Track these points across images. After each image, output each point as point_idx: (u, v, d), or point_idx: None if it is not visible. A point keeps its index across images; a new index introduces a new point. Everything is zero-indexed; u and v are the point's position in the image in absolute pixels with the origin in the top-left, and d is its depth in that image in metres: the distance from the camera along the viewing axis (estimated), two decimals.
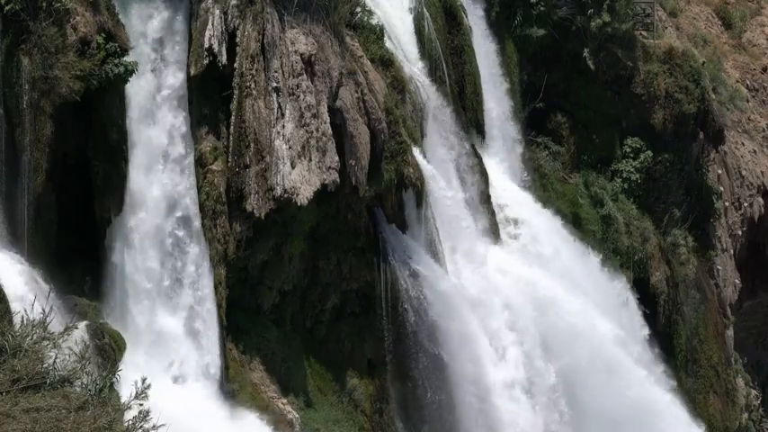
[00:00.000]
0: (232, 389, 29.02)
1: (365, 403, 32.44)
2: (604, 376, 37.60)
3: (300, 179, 29.51)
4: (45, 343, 13.11)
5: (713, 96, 45.87)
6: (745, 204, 49.78)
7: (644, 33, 45.44)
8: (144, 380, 12.67)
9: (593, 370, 37.48)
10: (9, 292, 23.87)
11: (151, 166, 28.03)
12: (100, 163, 26.88)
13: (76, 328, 21.57)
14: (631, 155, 43.73)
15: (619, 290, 41.32)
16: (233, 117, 29.15)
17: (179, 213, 28.35)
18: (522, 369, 35.29)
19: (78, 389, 12.98)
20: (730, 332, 47.69)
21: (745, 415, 47.77)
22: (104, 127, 26.77)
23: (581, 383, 36.84)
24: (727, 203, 48.32)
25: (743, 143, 50.63)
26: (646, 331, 41.44)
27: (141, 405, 12.53)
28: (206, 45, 28.61)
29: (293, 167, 29.46)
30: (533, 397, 35.51)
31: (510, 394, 34.74)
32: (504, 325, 35.37)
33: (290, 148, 29.49)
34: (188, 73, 28.52)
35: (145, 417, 12.15)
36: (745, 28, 54.86)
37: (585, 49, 42.89)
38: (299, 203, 29.46)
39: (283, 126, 29.57)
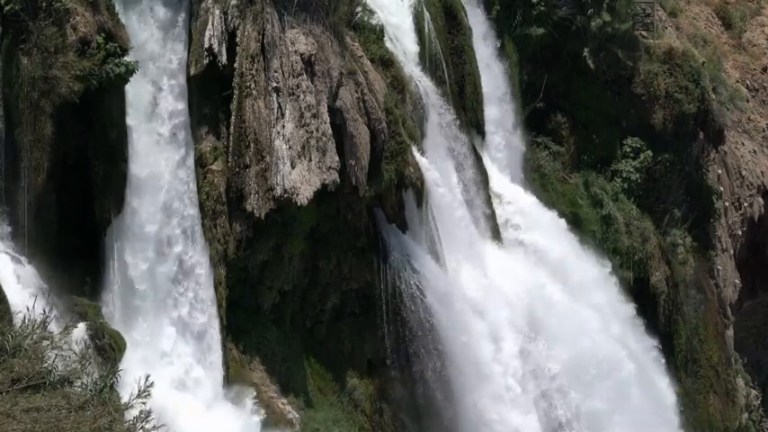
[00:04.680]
0: (232, 389, 29.00)
1: (365, 403, 32.43)
2: (605, 374, 37.65)
3: (300, 179, 29.49)
4: (45, 343, 13.09)
5: (713, 96, 45.89)
6: (745, 204, 49.77)
7: (644, 33, 45.44)
8: (147, 377, 12.62)
9: (595, 369, 37.50)
10: (9, 292, 23.85)
11: None
12: (100, 163, 26.84)
13: (75, 327, 21.58)
14: (631, 155, 43.74)
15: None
16: (233, 117, 29.13)
17: None
18: (523, 369, 35.28)
19: (78, 389, 12.96)
20: (730, 332, 47.70)
21: (745, 415, 47.77)
22: (104, 127, 26.74)
23: (582, 382, 36.86)
24: (727, 203, 48.32)
25: (743, 143, 50.63)
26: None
27: (144, 404, 12.48)
28: (206, 45, 28.59)
29: (293, 167, 29.45)
30: (534, 397, 35.51)
31: (510, 393, 34.72)
32: (505, 325, 35.35)
33: (290, 148, 29.47)
34: (188, 73, 28.51)
35: (146, 418, 12.12)
36: (745, 28, 54.87)
37: (585, 49, 42.90)
38: (299, 203, 29.44)
39: (283, 126, 29.56)
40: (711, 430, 44.39)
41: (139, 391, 12.25)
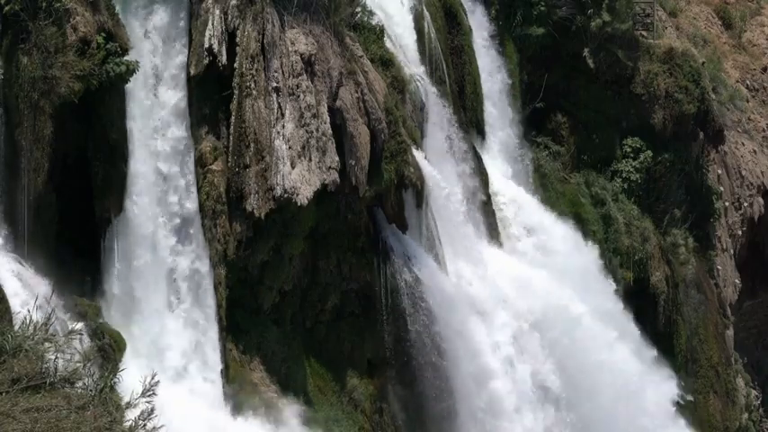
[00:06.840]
0: (232, 389, 29.00)
1: (365, 403, 32.42)
2: (605, 374, 37.65)
3: (300, 179, 29.49)
4: (47, 345, 13.08)
5: (713, 96, 45.89)
6: (745, 204, 49.78)
7: (644, 33, 45.45)
8: (153, 376, 12.57)
9: (592, 365, 37.51)
10: (9, 292, 23.85)
11: None
12: (100, 163, 26.87)
13: (81, 334, 21.58)
14: (631, 155, 43.74)
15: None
16: (233, 117, 29.12)
17: None
18: (522, 368, 35.29)
19: (79, 389, 12.94)
20: (730, 332, 47.69)
21: (745, 415, 47.75)
22: (104, 127, 26.75)
23: (580, 380, 36.86)
24: (727, 203, 48.33)
25: (743, 143, 50.63)
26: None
27: (150, 403, 12.43)
28: (206, 45, 28.59)
29: (293, 167, 29.45)
30: (533, 397, 35.52)
31: (509, 393, 34.72)
32: (504, 324, 35.34)
33: (290, 148, 29.47)
34: (188, 73, 28.51)
35: (150, 414, 12.08)
36: (745, 28, 54.89)
37: (585, 49, 42.91)
38: (299, 203, 29.44)
39: (283, 126, 29.55)
40: (711, 430, 44.36)
41: (144, 389, 12.22)
